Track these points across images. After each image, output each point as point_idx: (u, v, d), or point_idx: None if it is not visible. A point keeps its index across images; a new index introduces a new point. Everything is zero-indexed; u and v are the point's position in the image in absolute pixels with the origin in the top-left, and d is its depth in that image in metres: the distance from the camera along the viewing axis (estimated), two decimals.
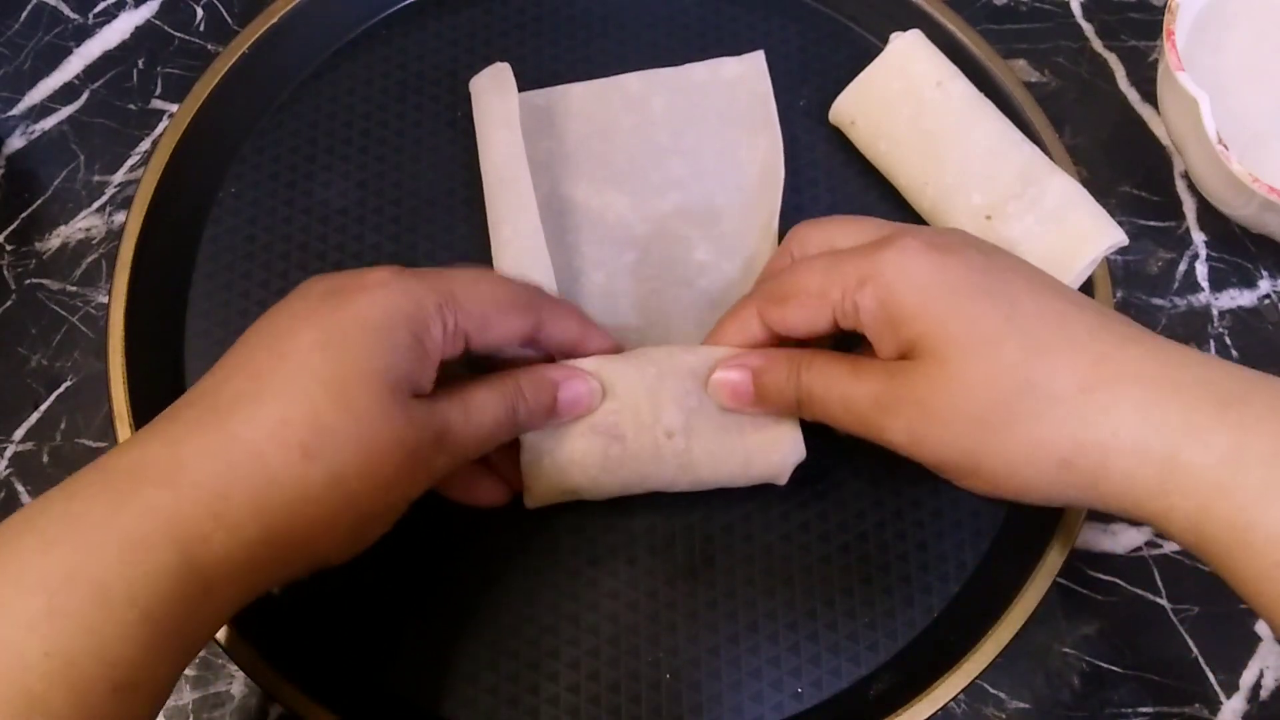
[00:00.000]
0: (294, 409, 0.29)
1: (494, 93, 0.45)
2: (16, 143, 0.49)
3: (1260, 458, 0.28)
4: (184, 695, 0.39)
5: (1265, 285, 0.48)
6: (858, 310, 0.33)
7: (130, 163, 0.49)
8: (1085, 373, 0.30)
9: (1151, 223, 0.49)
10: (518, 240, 0.41)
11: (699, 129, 0.46)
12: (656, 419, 0.36)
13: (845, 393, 0.34)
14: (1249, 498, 0.28)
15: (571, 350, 0.37)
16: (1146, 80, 0.52)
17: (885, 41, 0.46)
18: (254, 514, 0.28)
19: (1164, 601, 0.42)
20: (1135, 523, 0.43)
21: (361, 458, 0.30)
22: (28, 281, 0.46)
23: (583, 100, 0.47)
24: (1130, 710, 0.40)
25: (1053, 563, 0.38)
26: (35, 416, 0.44)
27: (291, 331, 0.31)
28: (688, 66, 0.48)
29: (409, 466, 0.31)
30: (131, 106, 0.50)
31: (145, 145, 0.49)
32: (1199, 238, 0.49)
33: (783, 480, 0.39)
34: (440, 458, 0.33)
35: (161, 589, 0.27)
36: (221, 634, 0.36)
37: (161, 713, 0.32)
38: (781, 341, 0.37)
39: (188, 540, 0.27)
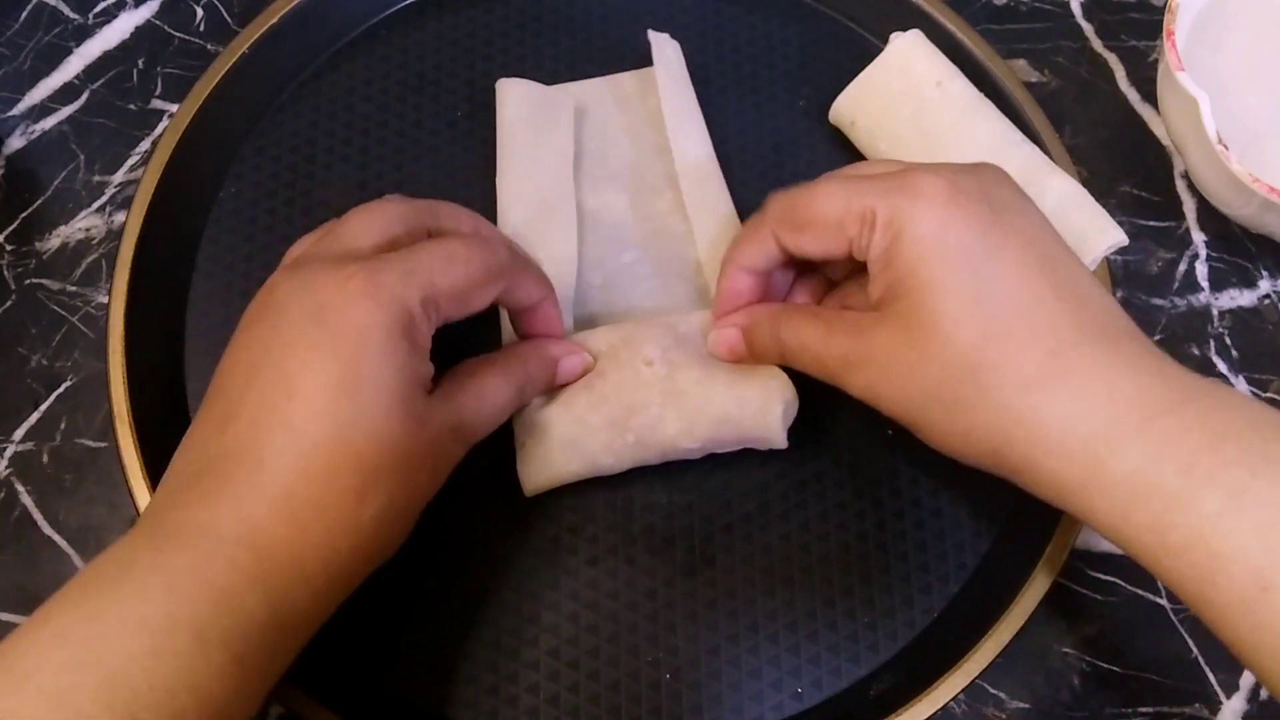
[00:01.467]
0: (339, 458, 0.30)
1: (550, 117, 0.45)
2: (16, 143, 0.49)
3: (1177, 468, 0.29)
4: None
5: (1265, 285, 0.48)
6: (869, 248, 0.34)
7: (130, 163, 0.49)
8: (1029, 370, 0.31)
9: (1151, 223, 0.49)
10: (551, 266, 0.42)
11: (694, 126, 0.46)
12: (635, 353, 0.39)
13: (818, 352, 0.36)
14: (1164, 503, 0.29)
15: (526, 313, 0.39)
16: (1146, 80, 0.52)
17: (885, 41, 0.46)
18: (323, 566, 0.31)
19: (1164, 601, 0.42)
20: None
21: (403, 480, 0.32)
22: (28, 281, 0.46)
23: (578, 100, 0.47)
24: (1130, 710, 0.40)
25: (1053, 563, 0.38)
26: (35, 416, 0.44)
27: (299, 367, 0.31)
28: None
29: (437, 468, 0.34)
30: (131, 106, 0.50)
31: (145, 145, 0.49)
32: (1199, 238, 0.49)
33: (779, 432, 0.39)
34: (458, 448, 0.35)
35: (250, 635, 0.29)
36: None
37: None
38: (797, 261, 0.38)
39: (272, 594, 0.30)
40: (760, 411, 0.38)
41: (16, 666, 0.27)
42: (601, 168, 0.46)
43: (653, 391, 0.38)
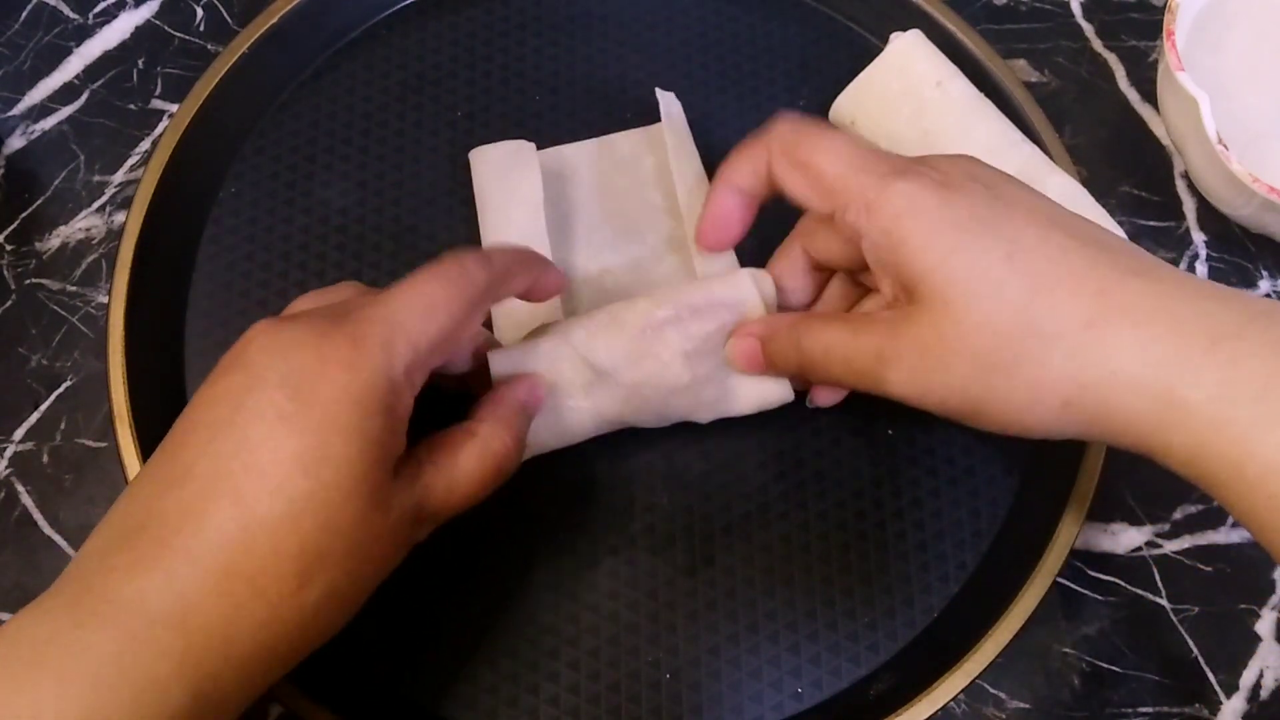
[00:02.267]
0: (286, 539, 0.29)
1: (516, 170, 0.43)
2: (16, 143, 0.49)
3: (1252, 393, 0.28)
4: None
5: (1265, 285, 0.48)
6: (859, 234, 0.33)
7: (130, 163, 0.49)
8: (1085, 309, 0.30)
9: (1151, 223, 0.49)
10: (535, 324, 0.41)
11: (693, 183, 0.45)
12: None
13: (846, 352, 0.34)
14: (1241, 432, 0.28)
15: (527, 296, 0.37)
16: (1146, 80, 0.52)
17: (885, 41, 0.46)
18: (257, 649, 0.29)
19: (1164, 601, 0.42)
20: (1137, 520, 0.43)
21: (349, 568, 0.30)
22: (28, 281, 0.46)
23: (574, 162, 0.46)
24: (1130, 710, 0.40)
25: (1053, 563, 0.38)
26: (35, 416, 0.44)
27: (263, 437, 0.29)
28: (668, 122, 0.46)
29: (388, 556, 0.32)
30: (131, 106, 0.50)
31: (145, 145, 0.49)
32: (1199, 238, 0.49)
33: (749, 287, 0.38)
34: (418, 532, 0.33)
35: None
36: None
37: None
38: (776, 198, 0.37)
39: (200, 680, 0.28)
40: (727, 274, 0.38)
41: None
42: (599, 231, 0.45)
43: (611, 296, 0.38)
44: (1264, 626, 0.42)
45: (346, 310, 0.32)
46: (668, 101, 0.45)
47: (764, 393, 0.39)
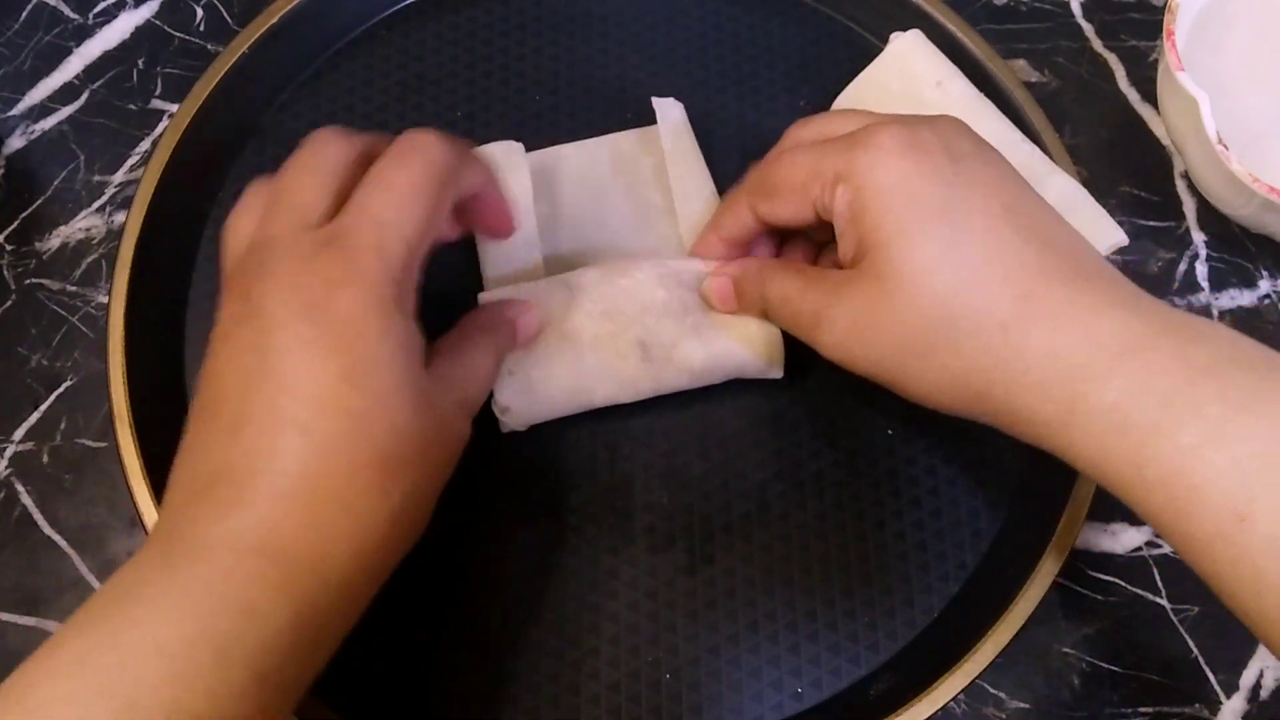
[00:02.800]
0: (360, 451, 0.30)
1: (506, 171, 0.42)
2: (16, 143, 0.49)
3: (1156, 401, 0.29)
4: None
5: (1265, 285, 0.48)
6: (831, 210, 0.35)
7: (130, 163, 0.49)
8: (1005, 312, 0.31)
9: (1151, 223, 0.49)
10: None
11: (693, 187, 0.45)
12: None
13: (794, 307, 0.36)
14: (1142, 437, 0.29)
15: (473, 203, 0.37)
16: (1146, 80, 0.52)
17: (885, 41, 0.46)
18: (354, 565, 0.30)
19: (1164, 601, 0.42)
20: (1134, 522, 0.43)
21: (422, 464, 0.32)
22: (28, 281, 0.46)
23: (574, 161, 0.46)
24: (1130, 710, 0.40)
25: (1053, 563, 0.38)
26: (35, 416, 0.44)
27: (300, 370, 0.30)
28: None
29: (451, 447, 0.34)
30: (131, 106, 0.50)
31: (145, 145, 0.49)
32: (1199, 238, 0.49)
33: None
34: (466, 424, 0.35)
35: (274, 650, 0.28)
36: None
37: None
38: (773, 230, 0.39)
39: (298, 603, 0.29)
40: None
41: (27, 698, 0.26)
42: (598, 231, 0.44)
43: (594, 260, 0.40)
44: None
45: (330, 231, 0.32)
46: (665, 108, 0.45)
47: (749, 336, 0.40)
